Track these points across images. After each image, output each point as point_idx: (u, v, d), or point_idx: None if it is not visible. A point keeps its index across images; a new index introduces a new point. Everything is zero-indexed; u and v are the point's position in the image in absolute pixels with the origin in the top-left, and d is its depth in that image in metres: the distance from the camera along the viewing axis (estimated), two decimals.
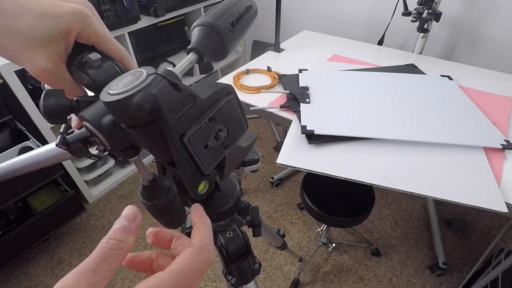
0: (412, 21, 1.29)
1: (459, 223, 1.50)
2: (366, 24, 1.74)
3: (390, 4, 1.46)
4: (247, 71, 1.18)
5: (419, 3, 1.25)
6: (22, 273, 1.41)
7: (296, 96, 0.96)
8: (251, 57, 2.08)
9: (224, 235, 0.46)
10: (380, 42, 1.46)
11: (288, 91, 0.99)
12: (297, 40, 1.47)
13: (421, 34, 1.31)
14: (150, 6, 1.54)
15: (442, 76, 1.10)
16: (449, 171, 0.73)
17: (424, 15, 1.24)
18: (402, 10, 1.29)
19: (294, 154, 0.78)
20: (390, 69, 1.16)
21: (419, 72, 1.15)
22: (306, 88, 1.00)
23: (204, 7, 1.86)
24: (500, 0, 1.31)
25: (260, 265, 0.50)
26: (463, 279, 1.20)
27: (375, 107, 0.93)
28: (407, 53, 1.34)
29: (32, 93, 1.23)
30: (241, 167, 0.44)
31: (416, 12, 1.26)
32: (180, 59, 1.90)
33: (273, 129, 2.20)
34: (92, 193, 1.70)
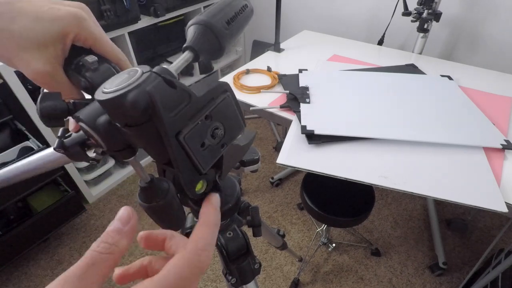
0: (412, 21, 1.29)
1: (459, 223, 1.50)
2: (366, 24, 1.74)
3: (390, 4, 1.46)
4: (247, 71, 1.18)
5: (419, 3, 1.25)
6: (22, 273, 1.41)
7: (296, 96, 0.96)
8: (251, 57, 2.08)
9: (224, 235, 0.46)
10: (380, 42, 1.46)
11: (288, 91, 0.99)
12: (297, 40, 1.47)
13: (421, 34, 1.31)
14: (150, 6, 1.54)
15: (442, 76, 1.10)
16: (449, 171, 0.73)
17: (424, 15, 1.24)
18: (402, 10, 1.29)
19: (294, 154, 0.78)
20: (390, 69, 1.16)
21: (419, 72, 1.15)
22: (306, 88, 1.00)
23: (204, 7, 1.86)
24: (500, 0, 1.31)
25: (260, 265, 0.50)
26: (463, 279, 1.20)
27: (375, 107, 0.93)
28: (407, 53, 1.34)
29: (32, 93, 1.23)
30: (241, 167, 0.44)
31: (416, 12, 1.26)
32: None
33: (273, 129, 2.20)
34: (92, 193, 1.70)
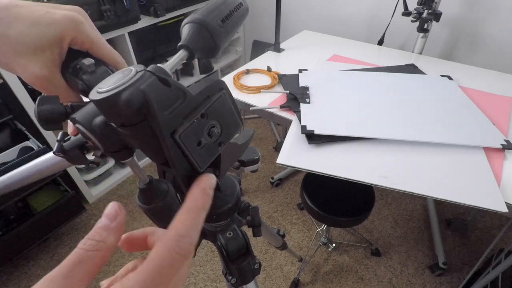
0: (412, 21, 1.29)
1: (459, 223, 1.50)
2: (366, 24, 1.74)
3: (390, 4, 1.46)
4: (247, 71, 1.18)
5: (419, 3, 1.25)
6: (22, 273, 1.41)
7: (296, 96, 0.96)
8: (251, 57, 2.08)
9: (224, 235, 0.46)
10: (380, 42, 1.46)
11: (288, 91, 0.99)
12: (297, 40, 1.47)
13: (421, 34, 1.31)
14: (150, 6, 1.54)
15: (442, 76, 1.10)
16: (449, 171, 0.73)
17: (424, 15, 1.24)
18: (402, 10, 1.29)
19: (294, 154, 0.78)
20: (390, 69, 1.16)
21: (419, 72, 1.15)
22: (306, 88, 1.00)
23: None
24: (500, 0, 1.31)
25: (260, 265, 0.50)
26: (463, 279, 1.20)
27: (375, 107, 0.93)
28: (407, 53, 1.34)
29: (32, 93, 1.23)
30: (241, 167, 0.44)
31: (416, 12, 1.26)
32: None
33: (273, 129, 2.20)
34: (92, 193, 1.70)
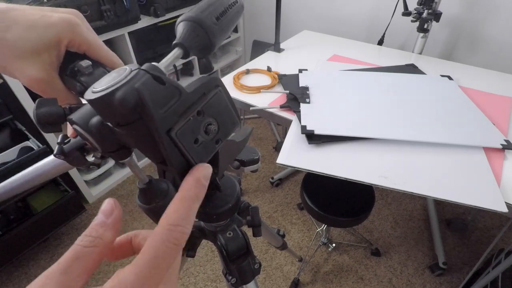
0: (412, 21, 1.29)
1: (459, 223, 1.50)
2: (366, 24, 1.74)
3: (390, 4, 1.46)
4: (247, 71, 1.18)
5: (419, 3, 1.25)
6: (22, 273, 1.41)
7: (296, 96, 0.96)
8: (251, 57, 2.08)
9: (224, 235, 0.46)
10: (380, 42, 1.46)
11: (288, 91, 0.99)
12: (297, 40, 1.47)
13: (421, 34, 1.31)
14: (150, 6, 1.54)
15: (442, 76, 1.10)
16: (449, 171, 0.73)
17: (424, 15, 1.24)
18: (402, 10, 1.29)
19: (294, 154, 0.78)
20: (390, 69, 1.16)
21: (419, 72, 1.14)
22: (306, 88, 1.00)
23: None
24: (500, 0, 1.31)
25: (260, 265, 0.50)
26: (463, 279, 1.20)
27: (375, 107, 0.93)
28: (407, 53, 1.34)
29: (32, 93, 1.23)
30: (241, 167, 0.44)
31: (416, 12, 1.26)
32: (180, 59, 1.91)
33: (273, 129, 2.20)
34: (92, 193, 1.70)
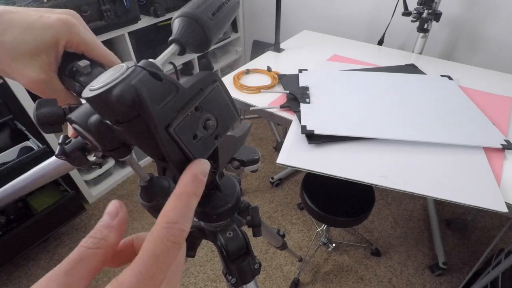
0: (412, 21, 1.29)
1: (459, 223, 1.50)
2: (366, 24, 1.74)
3: (390, 4, 1.46)
4: (247, 71, 1.18)
5: (419, 3, 1.25)
6: (22, 273, 1.41)
7: (296, 96, 0.96)
8: (251, 57, 2.08)
9: (224, 235, 0.46)
10: (380, 42, 1.46)
11: (288, 91, 0.99)
12: (297, 40, 1.47)
13: (421, 34, 1.31)
14: (150, 6, 1.54)
15: (442, 76, 1.10)
16: (449, 171, 0.73)
17: (424, 15, 1.24)
18: (402, 10, 1.29)
19: (294, 154, 0.78)
20: (390, 69, 1.16)
21: (419, 72, 1.15)
22: (306, 88, 1.00)
23: None
24: (500, 0, 1.31)
25: (260, 265, 0.50)
26: (463, 279, 1.20)
27: (375, 107, 0.93)
28: (407, 53, 1.34)
29: (32, 93, 1.23)
30: (241, 167, 0.44)
31: (416, 12, 1.26)
32: (180, 59, 1.91)
33: (273, 129, 2.20)
34: (92, 193, 1.70)
